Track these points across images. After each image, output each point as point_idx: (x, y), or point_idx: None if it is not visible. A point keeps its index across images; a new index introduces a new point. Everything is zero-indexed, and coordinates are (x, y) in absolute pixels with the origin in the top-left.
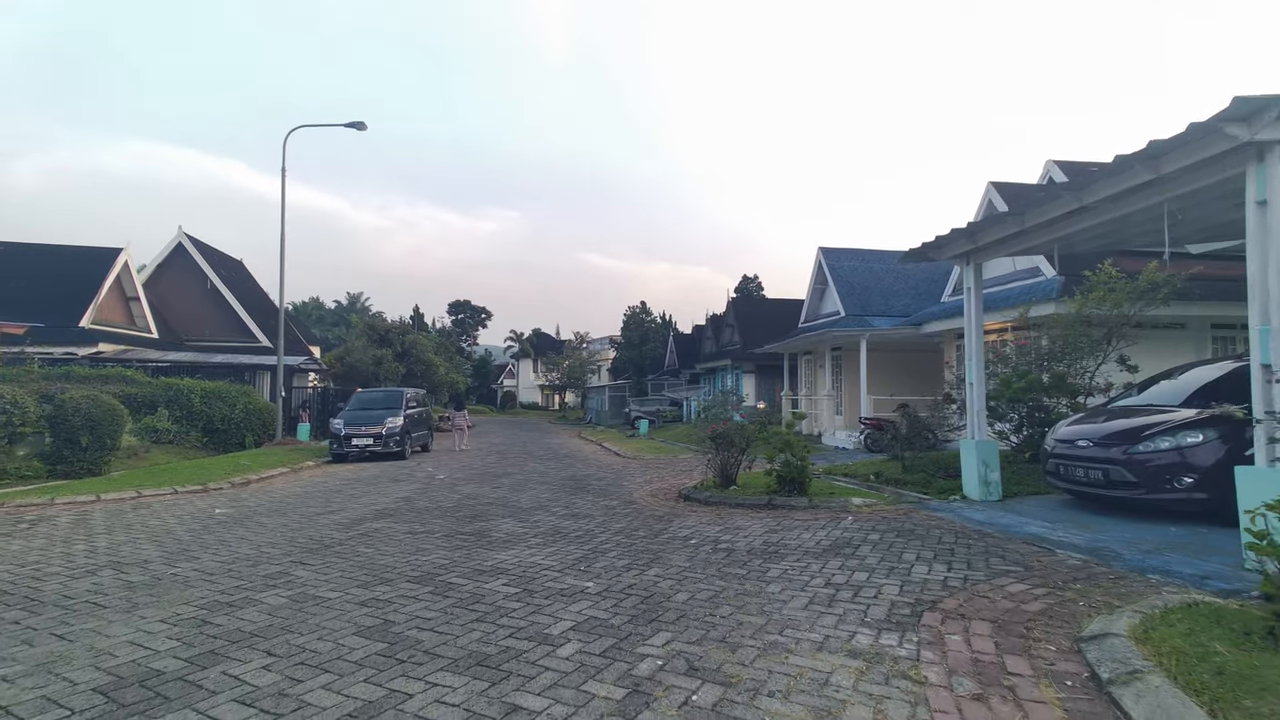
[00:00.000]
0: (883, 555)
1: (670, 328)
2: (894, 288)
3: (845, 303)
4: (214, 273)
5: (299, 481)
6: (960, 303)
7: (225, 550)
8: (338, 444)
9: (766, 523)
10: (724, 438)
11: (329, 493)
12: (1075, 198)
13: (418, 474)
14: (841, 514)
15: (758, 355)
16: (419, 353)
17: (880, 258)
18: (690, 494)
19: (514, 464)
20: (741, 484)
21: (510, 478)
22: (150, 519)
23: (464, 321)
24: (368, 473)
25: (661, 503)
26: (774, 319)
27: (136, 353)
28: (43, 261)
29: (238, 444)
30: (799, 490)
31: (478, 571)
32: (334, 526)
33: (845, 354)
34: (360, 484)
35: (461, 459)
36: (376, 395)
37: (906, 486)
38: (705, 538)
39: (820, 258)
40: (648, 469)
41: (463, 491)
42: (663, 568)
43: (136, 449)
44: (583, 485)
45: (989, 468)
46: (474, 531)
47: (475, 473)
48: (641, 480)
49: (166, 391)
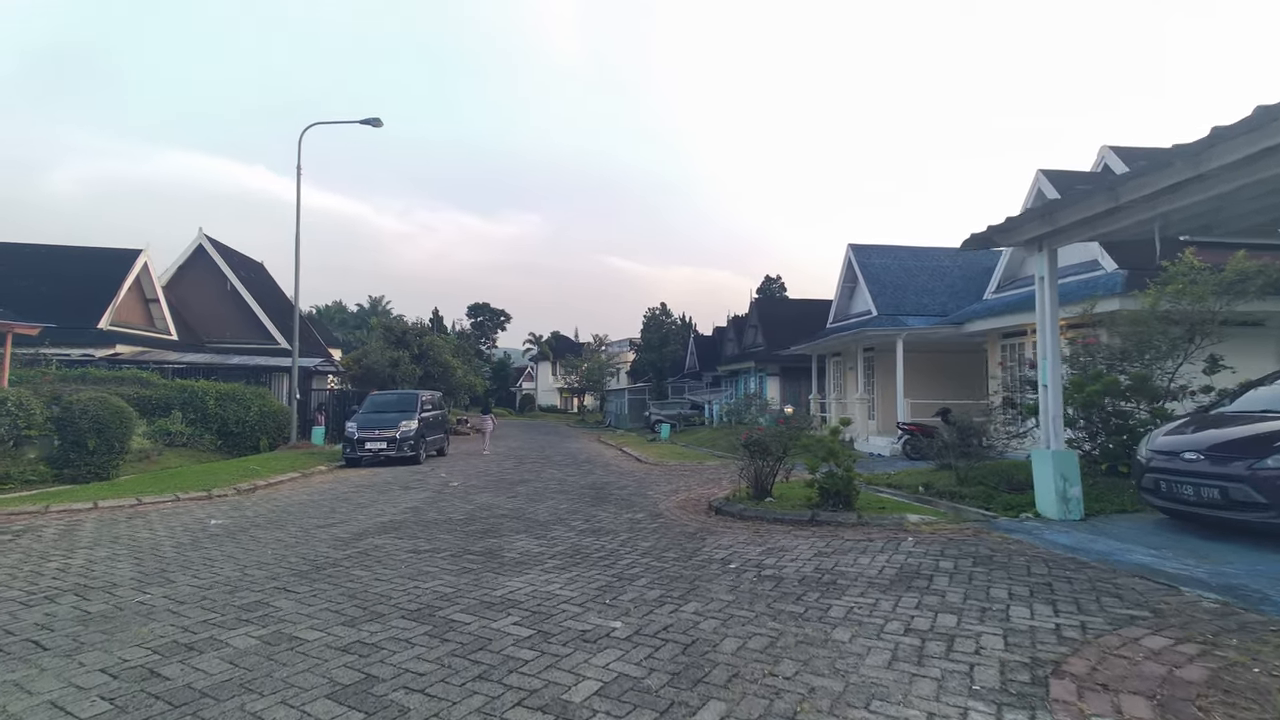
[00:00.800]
0: (965, 590)
1: (690, 330)
2: (928, 286)
3: (877, 301)
4: (234, 274)
5: (307, 488)
6: (1008, 300)
7: (207, 571)
8: (351, 448)
9: (813, 543)
10: (759, 445)
11: (335, 501)
12: (1191, 164)
13: (430, 480)
14: (898, 533)
15: (783, 357)
16: (436, 354)
17: (914, 254)
18: (722, 506)
19: (531, 470)
20: (778, 496)
21: (527, 486)
22: (141, 531)
23: (483, 324)
24: (379, 479)
25: (691, 516)
26: (799, 320)
27: (153, 354)
28: (63, 263)
29: (252, 447)
30: (844, 504)
31: (485, 605)
32: (332, 543)
33: (878, 355)
34: (369, 491)
35: (477, 464)
36: (391, 398)
37: (964, 501)
38: (746, 561)
39: (850, 255)
40: (672, 477)
41: (476, 501)
42: (702, 601)
43: (149, 452)
44: (604, 495)
45: (1068, 482)
46: (485, 550)
47: (491, 480)
48: (667, 490)
49: (181, 394)
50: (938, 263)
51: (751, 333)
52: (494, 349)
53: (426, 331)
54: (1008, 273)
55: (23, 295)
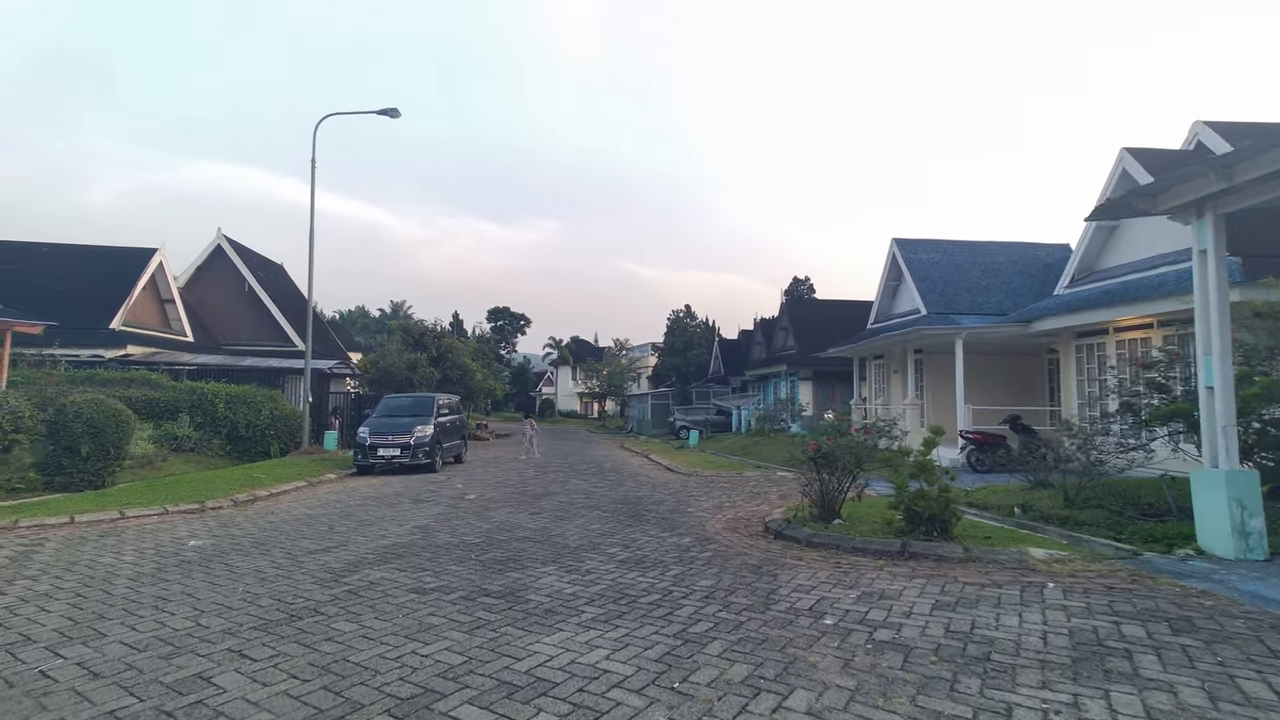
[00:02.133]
0: (1199, 679)
1: (714, 334)
2: (982, 283)
3: (926, 300)
4: (252, 276)
5: (310, 500)
6: (1085, 295)
7: (152, 620)
8: (362, 454)
9: (921, 586)
10: (828, 458)
11: (337, 517)
12: None
13: (445, 492)
14: (1026, 574)
15: (817, 360)
16: (455, 357)
17: (964, 249)
18: (784, 530)
19: (555, 480)
20: (847, 517)
21: (552, 499)
22: (105, 555)
23: (503, 328)
24: (390, 488)
25: (748, 541)
26: (832, 322)
27: (165, 355)
28: (77, 262)
29: (262, 452)
30: (940, 531)
31: (506, 690)
32: (319, 576)
33: (929, 357)
34: (377, 505)
35: (496, 473)
36: (405, 401)
37: (1082, 528)
38: (844, 613)
39: (894, 250)
40: (711, 489)
41: (494, 519)
42: (810, 688)
43: (152, 457)
44: (640, 511)
45: (1247, 511)
46: (504, 590)
47: (511, 491)
48: (709, 505)
49: (190, 396)
50: (990, 258)
51: (781, 335)
52: (513, 353)
53: (445, 334)
54: (1083, 265)
55: (36, 294)
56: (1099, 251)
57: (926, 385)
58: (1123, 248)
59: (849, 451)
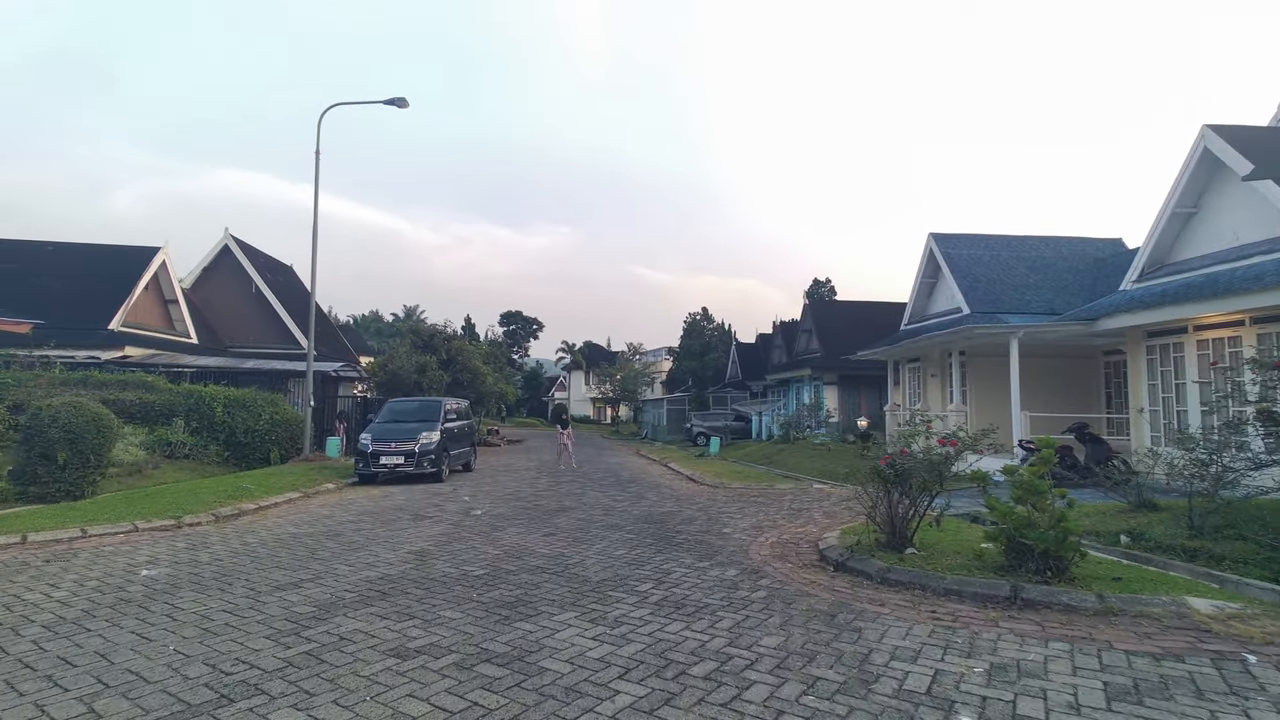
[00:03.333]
0: None
1: (731, 337)
2: (1029, 280)
3: (969, 298)
4: (260, 277)
5: (301, 514)
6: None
7: (33, 699)
8: (364, 462)
9: (1066, 653)
10: (902, 473)
11: (322, 538)
12: None
13: (450, 506)
14: (1197, 635)
15: (846, 364)
16: (465, 360)
17: (1007, 245)
18: (846, 560)
19: (570, 492)
20: (920, 545)
21: (568, 516)
22: (37, 588)
23: (515, 332)
24: (391, 501)
25: (805, 575)
26: (858, 324)
27: (164, 357)
28: (79, 261)
29: (262, 459)
30: (1054, 571)
31: None
32: (277, 627)
33: (973, 359)
34: (373, 521)
35: (507, 483)
36: (411, 405)
37: (1222, 565)
38: (979, 703)
39: (931, 246)
40: (744, 505)
41: (503, 542)
42: None
43: (143, 465)
44: (669, 532)
45: None
46: (511, 653)
47: (522, 506)
48: (747, 525)
49: (186, 400)
50: (1036, 253)
51: (804, 338)
52: (526, 358)
53: (455, 336)
54: (1154, 258)
55: (34, 294)
56: (1172, 243)
57: (973, 390)
58: (1202, 238)
59: (928, 467)
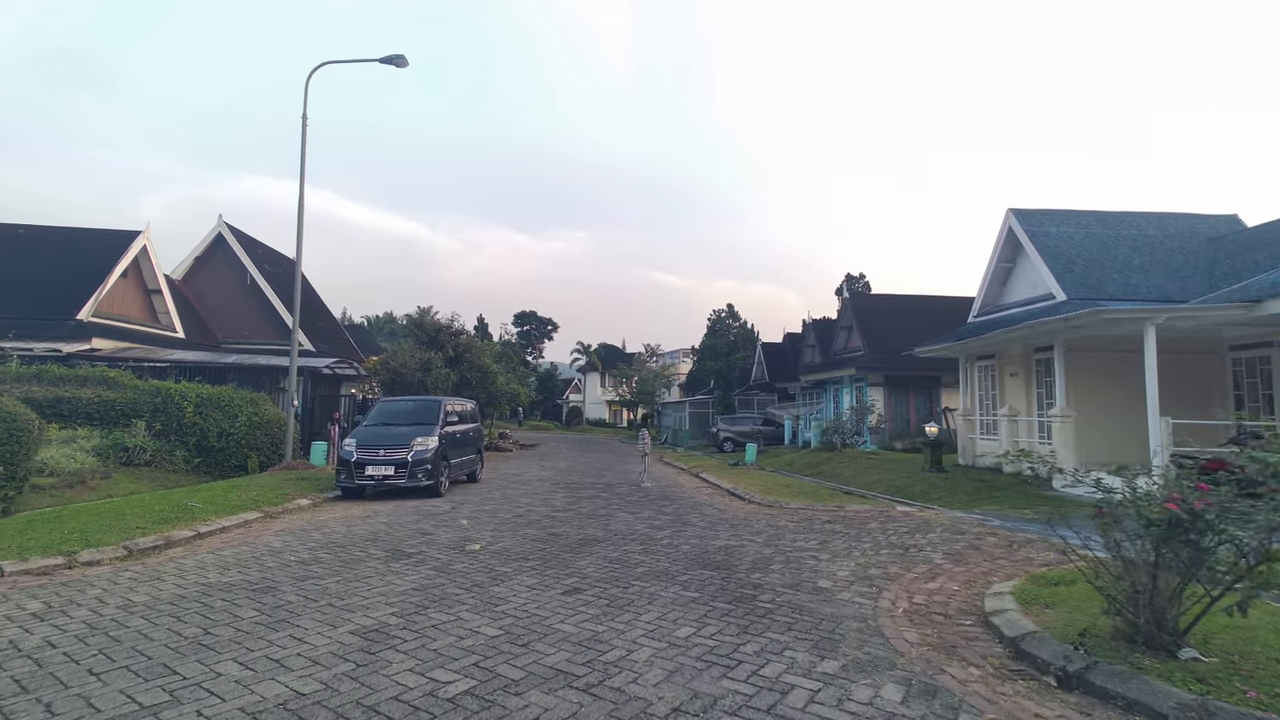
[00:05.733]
0: None
1: (756, 338)
2: (1132, 261)
3: (1063, 282)
4: (256, 268)
5: (244, 548)
6: None
7: None
8: (347, 473)
9: None
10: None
11: (246, 595)
12: None
13: (441, 535)
14: None
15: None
16: (474, 357)
17: (1100, 221)
18: (1086, 671)
19: (594, 514)
20: (1210, 647)
21: (594, 554)
22: None
23: (529, 333)
24: (370, 525)
25: (1011, 696)
26: (907, 319)
27: (138, 351)
28: (50, 246)
29: (239, 466)
30: None
31: None
32: None
33: (1073, 355)
34: (331, 562)
35: (518, 499)
36: (406, 406)
37: None
38: None
39: (1011, 224)
40: (822, 535)
41: (505, 609)
42: None
43: (88, 474)
44: (743, 587)
45: None
46: None
47: (535, 536)
48: (846, 574)
49: (153, 397)
50: (1138, 231)
51: (843, 335)
52: (540, 359)
53: (463, 331)
54: None
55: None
56: None
57: (1075, 392)
58: None
59: (1242, 516)
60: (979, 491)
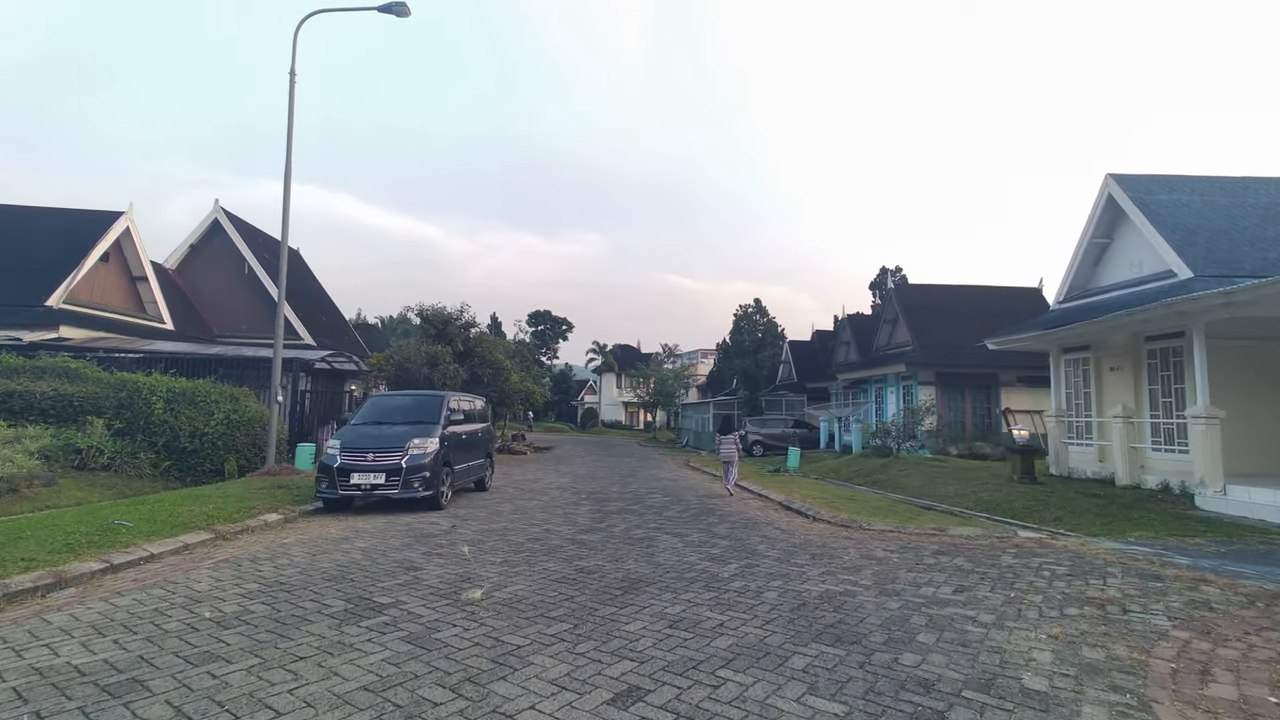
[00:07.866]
0: None
1: (782, 336)
2: (1266, 232)
3: (1186, 256)
4: (255, 258)
5: (164, 590)
6: None
7: None
8: (329, 481)
9: None
10: None
11: (105, 693)
12: None
13: (431, 573)
14: None
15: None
16: (486, 352)
17: (1218, 188)
18: None
19: (629, 536)
20: None
21: (645, 609)
22: None
23: (544, 333)
24: (344, 554)
25: None
26: (961, 311)
27: (112, 341)
28: (23, 227)
29: (214, 470)
30: None
31: None
32: None
33: (1216, 342)
34: (271, 617)
35: (534, 514)
36: (402, 402)
37: None
38: None
39: (1111, 191)
40: (955, 579)
41: None
42: None
43: (25, 481)
44: (905, 685)
45: None
46: None
47: (556, 575)
48: (1054, 654)
49: (117, 392)
50: (1269, 199)
51: (886, 330)
52: (555, 359)
53: (474, 324)
54: None
55: None
56: None
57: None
58: None
59: None
60: (1103, 510)
